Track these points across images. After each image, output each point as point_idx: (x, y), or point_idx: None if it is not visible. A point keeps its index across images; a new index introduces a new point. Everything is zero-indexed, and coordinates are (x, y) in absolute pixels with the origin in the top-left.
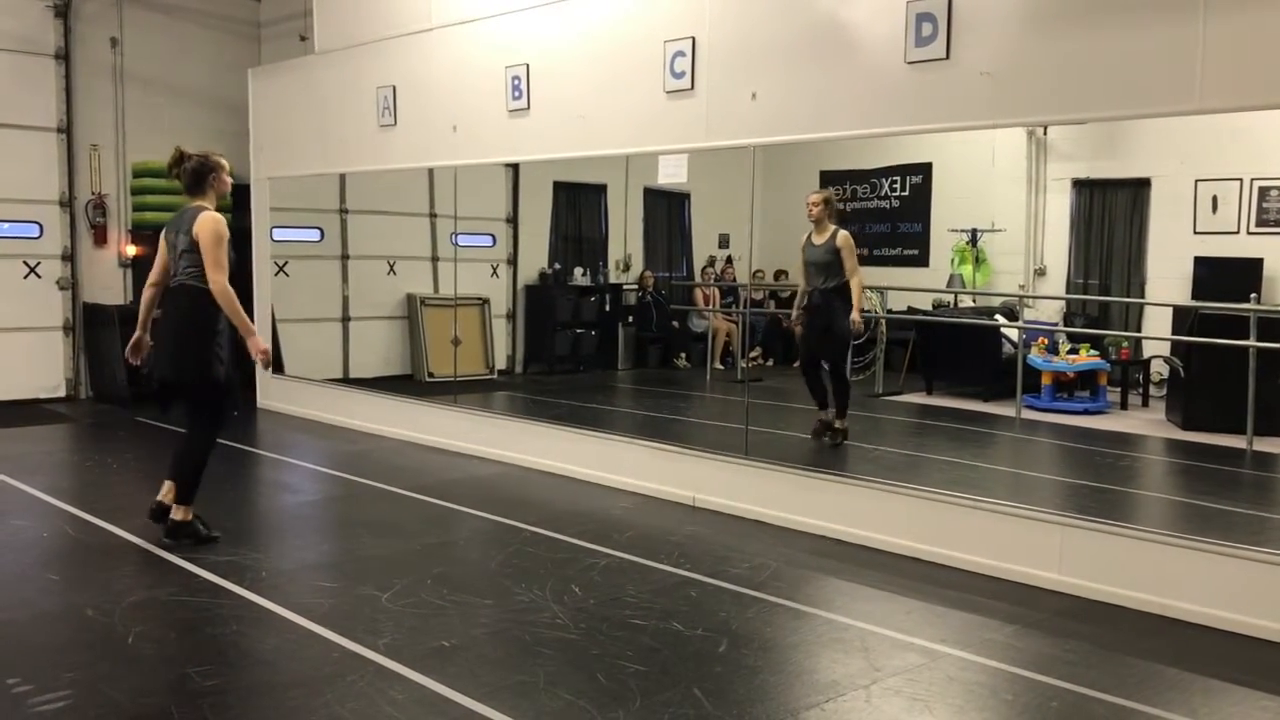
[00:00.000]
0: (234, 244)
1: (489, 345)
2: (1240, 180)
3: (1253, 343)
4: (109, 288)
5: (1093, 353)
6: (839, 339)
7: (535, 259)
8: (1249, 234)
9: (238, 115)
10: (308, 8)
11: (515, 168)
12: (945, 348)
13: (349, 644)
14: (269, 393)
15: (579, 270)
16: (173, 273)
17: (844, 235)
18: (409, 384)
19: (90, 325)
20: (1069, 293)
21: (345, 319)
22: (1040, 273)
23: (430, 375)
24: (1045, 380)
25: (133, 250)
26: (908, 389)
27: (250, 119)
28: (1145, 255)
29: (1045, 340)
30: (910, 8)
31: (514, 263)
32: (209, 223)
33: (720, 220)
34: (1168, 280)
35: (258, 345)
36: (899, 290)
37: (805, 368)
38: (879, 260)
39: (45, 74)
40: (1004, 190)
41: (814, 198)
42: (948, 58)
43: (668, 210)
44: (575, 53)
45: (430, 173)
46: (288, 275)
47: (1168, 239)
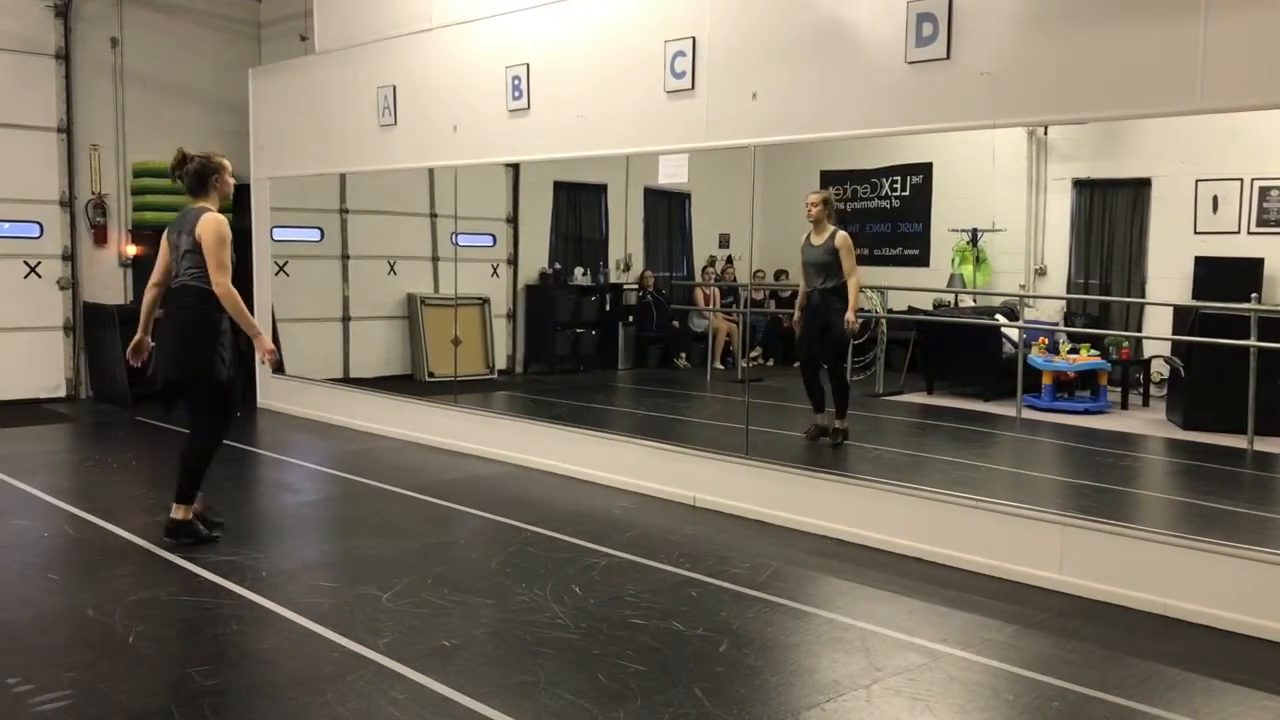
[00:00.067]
0: (234, 244)
1: (489, 345)
2: (1241, 180)
3: (1253, 343)
4: (109, 287)
5: (1093, 352)
6: (837, 339)
7: (535, 259)
8: (1249, 234)
9: (238, 115)
10: (308, 8)
11: (515, 168)
12: (946, 347)
13: (349, 644)
14: (269, 392)
15: (579, 270)
16: (175, 273)
17: (843, 236)
18: (409, 384)
19: (90, 325)
20: (1069, 293)
21: (345, 319)
22: (1041, 273)
23: (430, 375)
24: (1046, 380)
25: (133, 250)
26: (908, 389)
27: (250, 119)
28: (1146, 255)
29: (1046, 340)
30: (911, 8)
31: (514, 262)
32: (211, 224)
33: (720, 220)
34: (1168, 280)
35: (265, 345)
36: (899, 290)
37: (804, 368)
38: (879, 260)
39: (45, 74)
40: (1004, 190)
41: (813, 198)
42: (948, 58)
43: (668, 210)
44: (575, 52)
45: (430, 173)
46: (288, 275)
47: (1168, 239)
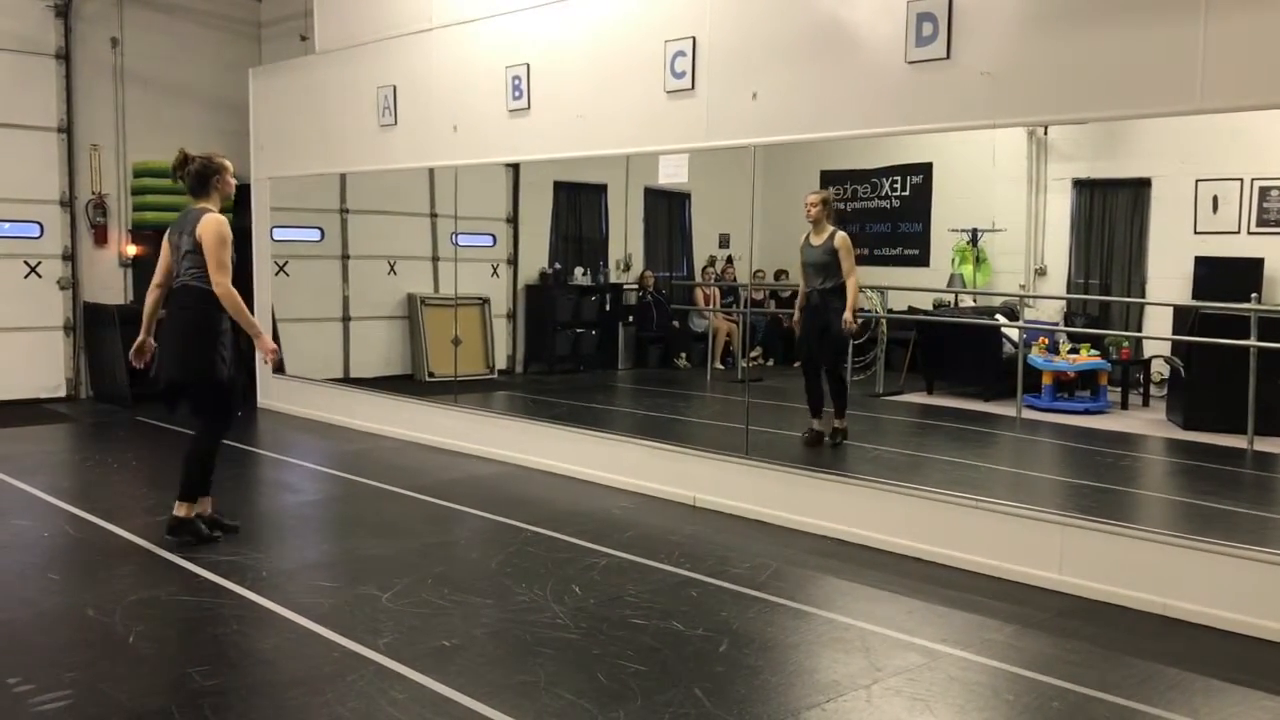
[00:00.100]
0: (234, 244)
1: (489, 345)
2: (1241, 180)
3: (1253, 343)
4: (109, 287)
5: (1093, 352)
6: (836, 340)
7: (536, 259)
8: (1249, 234)
9: (238, 115)
10: (308, 7)
11: (515, 167)
12: (946, 347)
13: (349, 643)
14: (269, 392)
15: (579, 270)
16: (176, 274)
17: (842, 236)
18: (409, 384)
19: (91, 325)
20: (1069, 292)
21: (346, 319)
22: (1041, 273)
23: (430, 375)
24: (1046, 380)
25: (133, 250)
26: (908, 389)
27: (251, 119)
28: (1146, 255)
29: (1046, 340)
30: (911, 7)
31: (514, 262)
32: (212, 224)
33: (721, 220)
34: (1168, 280)
35: (266, 345)
36: (900, 290)
37: (806, 368)
38: (879, 260)
39: (46, 74)
40: (1004, 190)
41: (812, 198)
42: (948, 57)
43: (668, 210)
44: (575, 52)
45: (430, 172)
46: (288, 275)
47: (1168, 239)
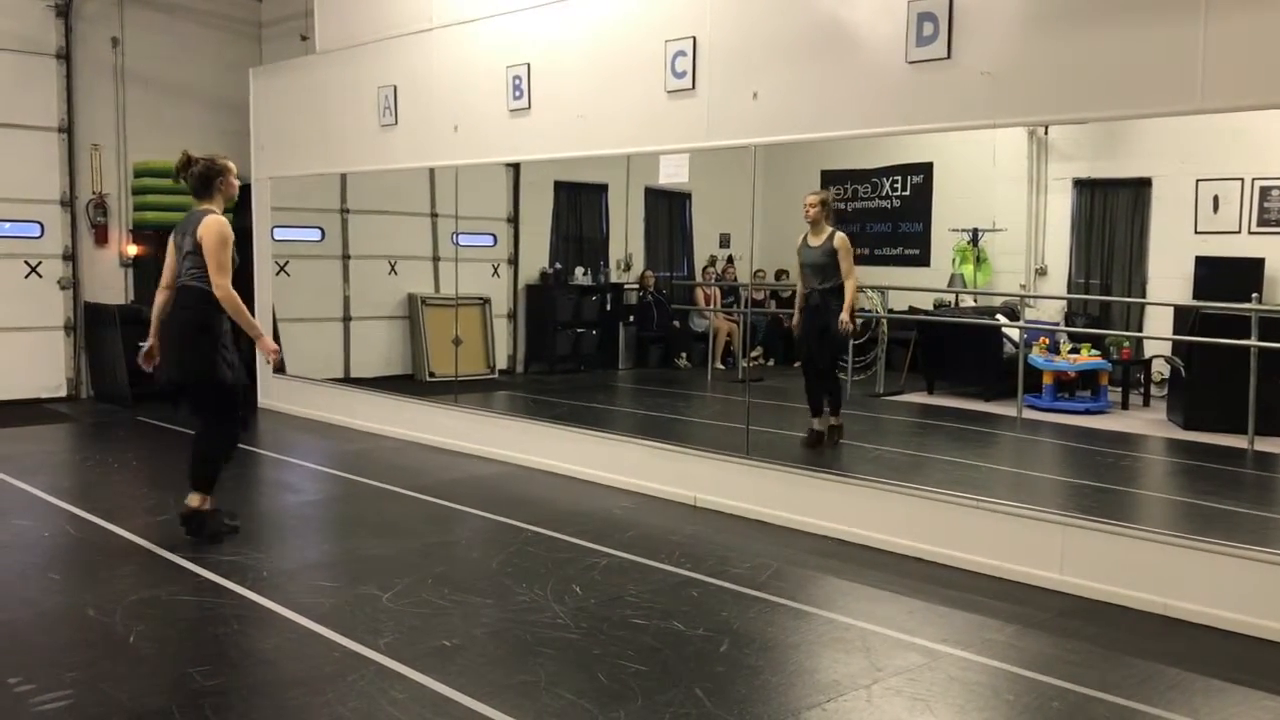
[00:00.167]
0: (235, 244)
1: (490, 345)
2: (1241, 180)
3: (1254, 342)
4: (110, 287)
5: (1094, 352)
6: (835, 341)
7: (536, 258)
8: (1250, 234)
9: (239, 115)
10: (309, 7)
11: (516, 167)
12: (946, 347)
13: (350, 643)
14: (270, 392)
15: (580, 270)
16: (178, 274)
17: (841, 237)
18: (410, 384)
19: (91, 325)
20: (1070, 292)
21: (346, 319)
22: (1041, 272)
23: (431, 375)
24: (1046, 380)
25: (134, 250)
26: (909, 389)
27: (251, 119)
28: (1146, 255)
29: (1046, 340)
30: (911, 7)
31: (515, 262)
32: (214, 225)
33: (721, 220)
34: (1169, 280)
35: (267, 346)
36: (900, 290)
37: (806, 368)
38: (880, 260)
39: (46, 74)
40: (1005, 190)
41: (811, 198)
42: (949, 57)
43: (669, 210)
44: (576, 52)
45: (431, 172)
46: (289, 275)
47: (1169, 239)
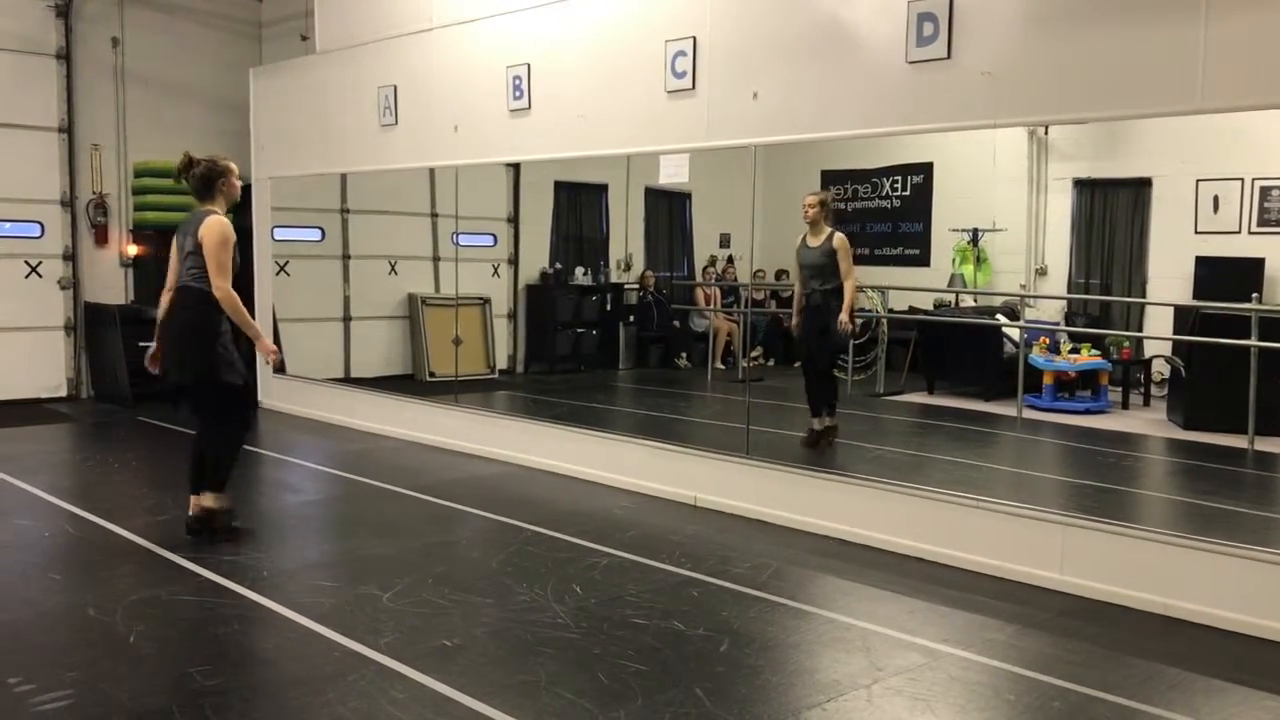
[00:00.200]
0: (237, 245)
1: (490, 345)
2: (1242, 180)
3: (1254, 342)
4: (110, 287)
5: (1094, 352)
6: (835, 341)
7: (536, 258)
8: (1250, 234)
9: (239, 115)
10: (309, 7)
11: (516, 167)
12: (947, 347)
13: (350, 643)
14: (270, 392)
15: (580, 270)
16: (179, 275)
17: (840, 237)
18: (410, 384)
19: (91, 325)
20: (1070, 292)
21: (346, 319)
22: (1041, 272)
23: (431, 375)
24: (1047, 380)
25: (134, 250)
26: (909, 389)
27: (251, 119)
28: (1146, 255)
29: (1047, 340)
30: (912, 7)
31: (515, 262)
32: (215, 226)
33: (721, 220)
34: (1169, 280)
35: (266, 347)
36: (900, 290)
37: (806, 368)
38: (880, 260)
39: (46, 74)
40: (1005, 190)
41: (810, 199)
42: (949, 57)
43: (669, 210)
44: (576, 52)
45: (431, 172)
46: (289, 275)
47: (1169, 239)
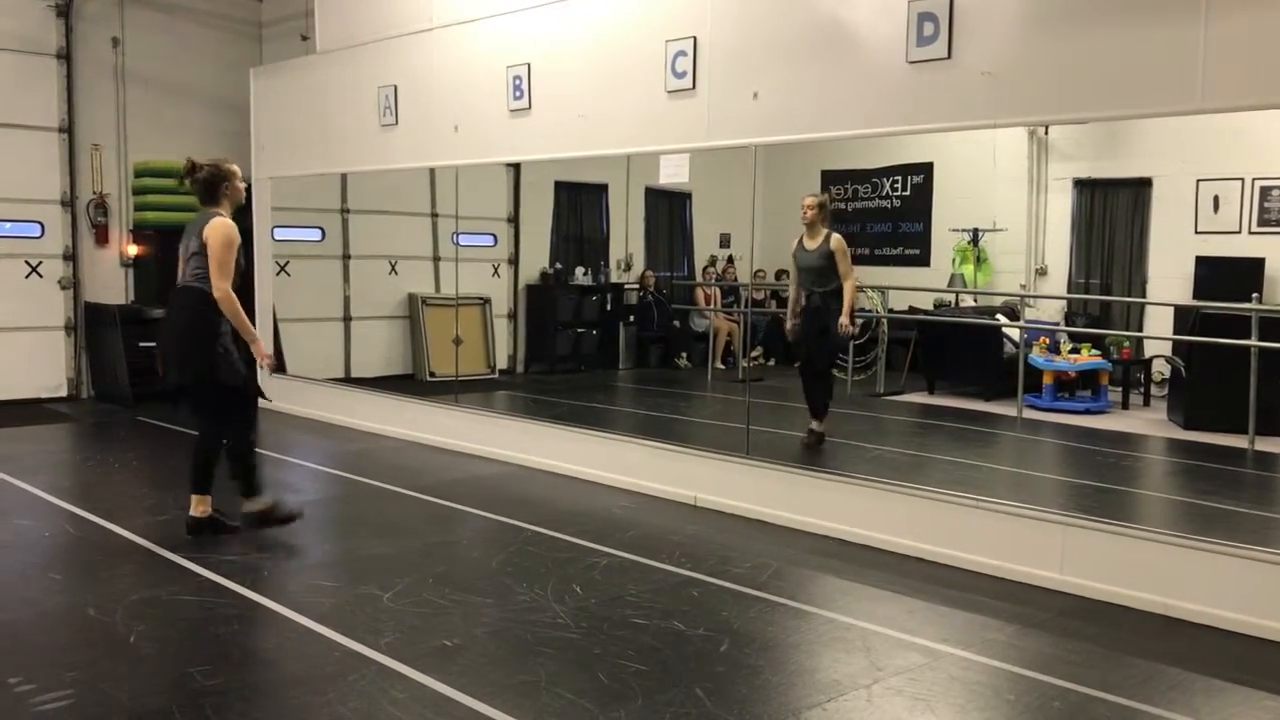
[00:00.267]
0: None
1: (490, 345)
2: (1242, 180)
3: (1254, 342)
4: (110, 287)
5: (1094, 352)
6: (834, 342)
7: (536, 258)
8: (1250, 234)
9: (239, 115)
10: (309, 7)
11: (516, 167)
12: (947, 347)
13: (350, 643)
14: (270, 392)
15: (580, 270)
16: (181, 275)
17: (837, 239)
18: (410, 383)
19: (92, 325)
20: (1070, 292)
21: (347, 318)
22: (1041, 272)
23: (432, 375)
24: (1047, 380)
25: (134, 250)
26: (909, 388)
27: (251, 119)
28: (1147, 255)
29: (1047, 340)
30: (912, 7)
31: (515, 262)
32: (220, 228)
33: (721, 220)
34: (1169, 280)
35: (261, 350)
36: (900, 290)
37: (804, 370)
38: (880, 260)
39: (47, 74)
40: (1005, 190)
41: (809, 200)
42: (949, 57)
43: (669, 210)
44: (576, 52)
45: (431, 172)
46: (289, 275)
47: (1169, 239)
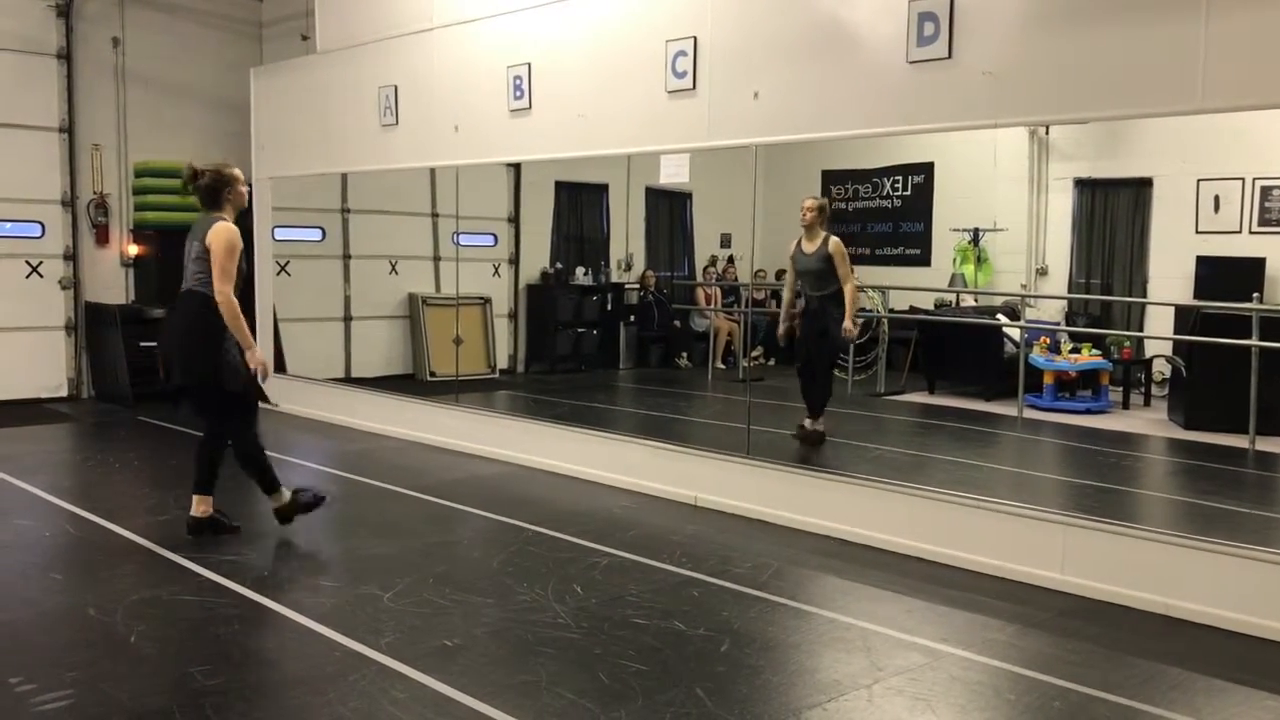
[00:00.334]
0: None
1: (491, 345)
2: (1242, 180)
3: (1255, 342)
4: (111, 287)
5: (1095, 352)
6: (834, 344)
7: (537, 258)
8: (1251, 234)
9: (239, 115)
10: (309, 7)
11: (517, 167)
12: (947, 347)
13: (351, 643)
14: (271, 392)
15: (581, 270)
16: (184, 278)
17: (835, 242)
18: (411, 383)
19: (92, 325)
20: (1071, 292)
21: (347, 318)
22: (1042, 272)
23: (432, 375)
24: (1047, 380)
25: (134, 250)
26: (910, 388)
27: (252, 119)
28: (1147, 255)
29: (1047, 339)
30: (912, 7)
31: (516, 262)
32: (223, 232)
33: (722, 219)
34: (1170, 280)
35: (256, 358)
36: (901, 290)
37: (803, 371)
38: (881, 260)
39: (47, 74)
40: (1006, 190)
41: (810, 203)
42: (950, 57)
43: (669, 210)
44: (577, 52)
45: (432, 172)
46: (289, 275)
47: (1170, 238)
